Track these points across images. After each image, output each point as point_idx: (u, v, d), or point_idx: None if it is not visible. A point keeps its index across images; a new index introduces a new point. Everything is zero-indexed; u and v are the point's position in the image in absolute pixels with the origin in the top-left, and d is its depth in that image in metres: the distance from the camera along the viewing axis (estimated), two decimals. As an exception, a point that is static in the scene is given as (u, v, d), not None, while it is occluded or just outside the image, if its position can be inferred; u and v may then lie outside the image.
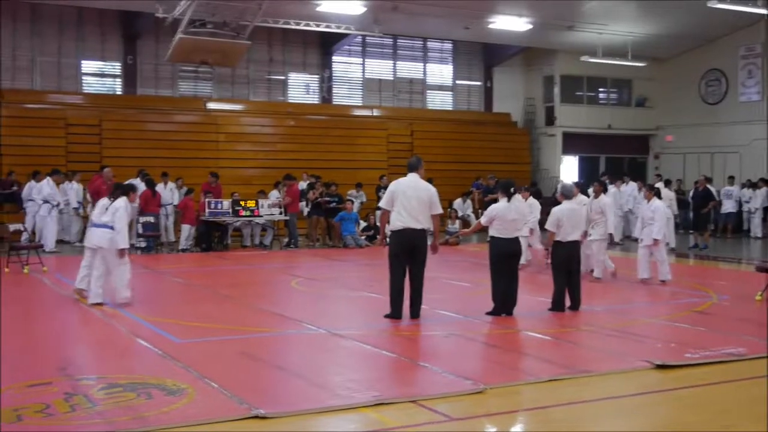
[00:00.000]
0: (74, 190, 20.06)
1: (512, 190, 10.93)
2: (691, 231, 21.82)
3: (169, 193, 20.72)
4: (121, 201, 11.37)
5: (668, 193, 20.97)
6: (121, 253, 11.24)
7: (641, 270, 14.17)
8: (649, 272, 14.13)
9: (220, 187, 21.16)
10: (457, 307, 11.47)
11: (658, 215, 14.05)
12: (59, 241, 19.46)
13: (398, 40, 28.59)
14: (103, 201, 11.66)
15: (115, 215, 11.18)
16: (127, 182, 14.72)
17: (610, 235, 14.43)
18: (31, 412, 6.11)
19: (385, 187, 22.00)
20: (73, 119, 22.82)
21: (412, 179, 10.33)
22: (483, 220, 10.93)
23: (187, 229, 19.80)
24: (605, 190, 15.13)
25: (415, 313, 10.25)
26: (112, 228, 11.18)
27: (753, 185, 25.07)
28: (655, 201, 14.40)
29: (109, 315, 10.62)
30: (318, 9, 22.42)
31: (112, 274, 11.36)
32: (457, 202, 23.94)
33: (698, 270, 17.51)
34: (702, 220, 21.14)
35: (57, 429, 5.77)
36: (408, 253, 10.16)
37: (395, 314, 10.18)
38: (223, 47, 21.78)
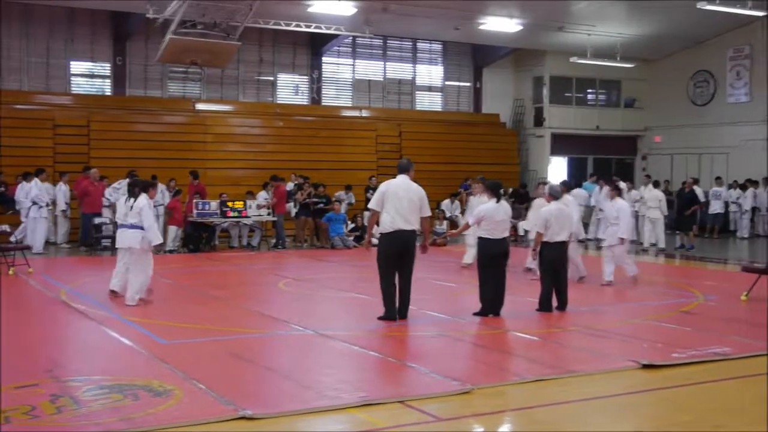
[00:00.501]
0: (62, 191, 19.98)
1: (500, 190, 11.01)
2: (677, 232, 21.91)
3: (159, 194, 20.65)
4: (143, 199, 11.57)
5: (657, 194, 21.05)
6: (152, 248, 11.57)
7: (607, 272, 14.00)
8: (613, 275, 13.98)
9: (203, 186, 21.08)
10: (444, 308, 11.49)
11: (622, 214, 13.89)
12: (46, 243, 19.38)
13: (388, 41, 28.59)
14: (124, 202, 11.86)
15: (141, 214, 11.41)
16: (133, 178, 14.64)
17: (621, 239, 14.04)
18: (18, 413, 6.09)
19: (374, 188, 22.14)
20: (61, 120, 22.72)
21: (403, 181, 10.33)
22: (470, 220, 10.98)
23: (173, 231, 19.76)
24: (620, 194, 15.15)
25: (403, 313, 10.27)
26: (141, 228, 11.40)
27: (742, 186, 25.19)
28: (619, 200, 14.39)
29: (95, 316, 10.59)
30: (308, 10, 22.40)
31: (131, 274, 11.54)
32: (446, 203, 23.94)
33: (685, 270, 17.57)
34: (686, 221, 21.22)
35: (43, 430, 5.75)
36: (398, 255, 10.17)
37: (390, 315, 10.18)
38: (214, 48, 21.75)
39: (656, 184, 21.93)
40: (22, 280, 14.14)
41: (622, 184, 20.22)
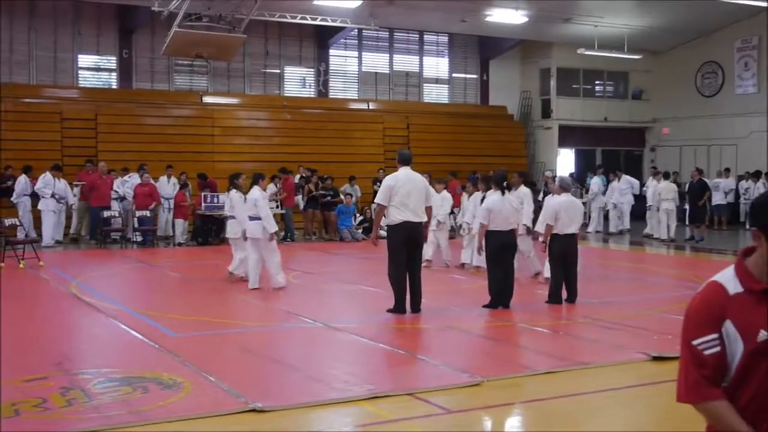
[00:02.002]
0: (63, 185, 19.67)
1: (505, 183, 11.01)
2: (687, 224, 21.83)
3: (171, 187, 20.69)
4: (256, 191, 12.18)
5: (670, 186, 20.99)
6: (271, 237, 12.09)
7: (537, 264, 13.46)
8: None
9: (214, 182, 21.10)
10: (453, 300, 11.48)
11: (526, 200, 13.32)
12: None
13: (394, 34, 28.52)
14: (231, 195, 12.96)
15: (257, 205, 11.99)
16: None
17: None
18: (28, 406, 6.11)
19: (381, 181, 22.10)
20: (69, 113, 22.74)
21: (408, 173, 10.30)
22: (482, 220, 10.83)
23: (180, 224, 19.78)
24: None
25: (416, 307, 10.23)
26: (259, 218, 11.98)
27: (754, 176, 25.04)
28: (522, 187, 13.62)
29: (105, 309, 10.61)
30: (314, 2, 22.34)
31: (266, 262, 12.23)
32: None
33: (695, 262, 17.53)
34: (699, 212, 21.16)
35: (54, 423, 5.76)
36: (407, 247, 10.14)
37: (400, 309, 10.16)
38: (219, 41, 21.70)
39: (667, 176, 21.79)
40: (32, 274, 14.17)
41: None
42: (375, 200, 10.33)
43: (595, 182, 24.30)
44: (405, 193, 10.07)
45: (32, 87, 23.36)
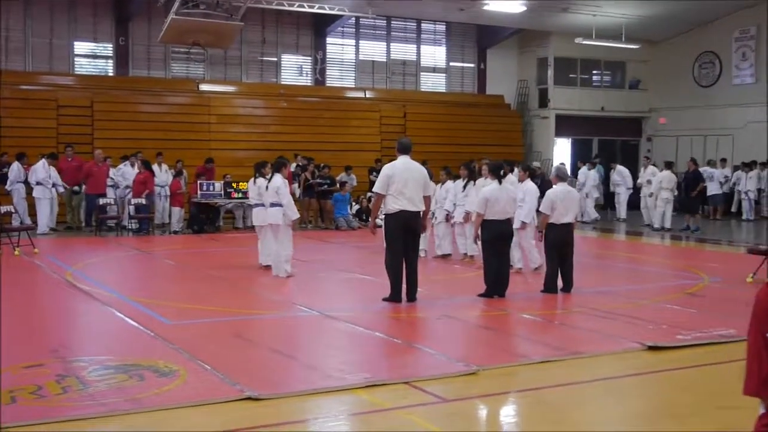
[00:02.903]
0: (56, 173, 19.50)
1: (502, 172, 11.01)
2: (683, 213, 21.86)
3: (165, 174, 20.66)
4: (279, 178, 12.40)
5: (671, 175, 20.99)
6: (292, 224, 12.45)
7: (515, 258, 12.83)
8: (521, 261, 13.22)
9: (214, 170, 21.15)
10: (449, 289, 11.49)
11: (528, 197, 12.97)
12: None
13: (392, 22, 28.45)
14: (258, 182, 12.99)
15: (279, 193, 12.25)
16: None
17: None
18: (25, 393, 6.11)
19: (378, 170, 22.08)
20: (65, 101, 22.69)
21: (406, 162, 10.27)
22: (478, 209, 10.83)
23: (177, 212, 19.76)
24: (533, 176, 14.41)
25: (411, 296, 10.24)
26: (280, 205, 12.23)
27: (747, 166, 25.09)
28: (528, 182, 13.36)
29: (101, 297, 10.61)
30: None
31: (278, 249, 12.42)
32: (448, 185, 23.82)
33: (690, 252, 17.56)
34: (693, 202, 21.21)
35: (50, 410, 5.76)
36: (404, 236, 10.13)
37: (395, 297, 10.16)
38: (216, 28, 21.61)
39: (669, 165, 21.74)
40: (27, 261, 14.16)
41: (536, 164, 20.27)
42: (373, 189, 10.30)
43: (583, 173, 24.38)
44: (402, 182, 10.04)
45: (28, 74, 23.29)
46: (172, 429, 5.49)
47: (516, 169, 15.01)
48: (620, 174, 24.22)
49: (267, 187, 12.52)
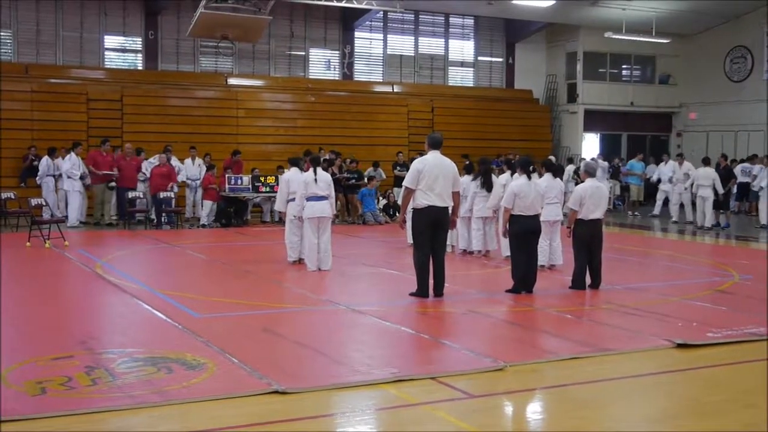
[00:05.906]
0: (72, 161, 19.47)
1: (531, 167, 10.95)
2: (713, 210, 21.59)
3: (197, 168, 20.77)
4: (323, 172, 12.68)
5: (708, 172, 20.64)
6: (333, 218, 12.84)
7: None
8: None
9: (241, 164, 21.23)
10: (476, 285, 11.46)
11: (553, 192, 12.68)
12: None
13: (420, 16, 28.39)
14: (305, 176, 12.66)
15: (330, 187, 12.68)
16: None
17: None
18: (54, 384, 6.18)
19: (401, 164, 22.07)
20: (95, 94, 22.87)
21: (437, 157, 10.21)
22: (506, 204, 10.78)
23: (209, 206, 19.86)
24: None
25: (438, 291, 10.21)
26: (326, 198, 12.58)
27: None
28: (548, 177, 12.84)
29: (130, 289, 10.69)
30: (340, -16, 22.30)
31: (321, 243, 12.65)
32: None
33: (720, 249, 17.39)
34: (723, 198, 20.93)
35: (79, 401, 5.82)
36: (431, 231, 10.11)
37: (422, 292, 10.15)
38: (244, 22, 21.69)
39: (706, 161, 21.43)
40: (57, 253, 14.30)
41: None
42: (403, 183, 10.27)
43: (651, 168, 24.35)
44: (433, 177, 10.00)
45: (58, 67, 23.50)
46: (200, 421, 5.52)
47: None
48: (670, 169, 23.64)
49: (316, 180, 12.48)
